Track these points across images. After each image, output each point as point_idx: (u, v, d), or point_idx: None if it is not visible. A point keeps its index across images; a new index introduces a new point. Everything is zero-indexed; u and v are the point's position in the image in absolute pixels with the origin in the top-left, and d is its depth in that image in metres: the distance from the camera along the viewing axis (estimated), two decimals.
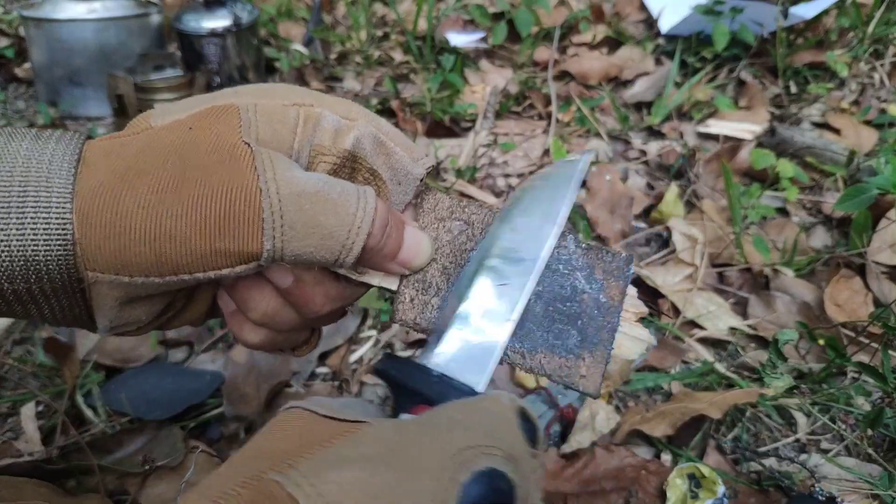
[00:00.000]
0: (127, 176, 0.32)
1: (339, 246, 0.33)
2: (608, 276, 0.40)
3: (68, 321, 0.36)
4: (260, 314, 0.38)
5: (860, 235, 0.94)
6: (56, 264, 0.32)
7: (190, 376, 0.80)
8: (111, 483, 0.68)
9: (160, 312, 0.37)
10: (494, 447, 0.28)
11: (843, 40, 1.38)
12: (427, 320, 0.39)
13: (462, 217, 0.41)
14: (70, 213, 0.31)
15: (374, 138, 0.38)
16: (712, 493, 0.64)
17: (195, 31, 1.28)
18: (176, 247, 0.31)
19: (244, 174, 0.32)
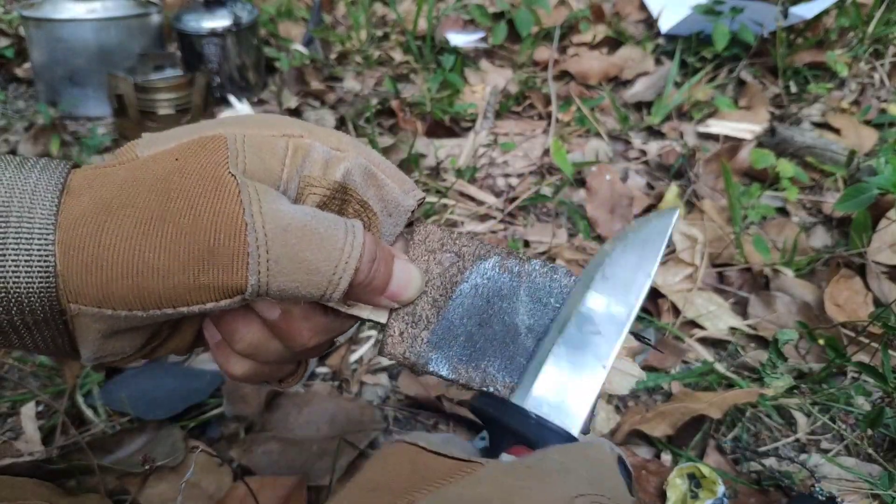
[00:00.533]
0: (111, 207, 0.31)
1: (326, 281, 0.33)
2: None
3: (51, 351, 0.35)
4: (245, 345, 0.37)
5: (860, 235, 0.94)
6: (38, 296, 0.31)
7: (190, 376, 0.80)
8: (111, 483, 0.68)
9: (144, 344, 0.37)
10: (604, 496, 0.29)
11: (843, 40, 1.38)
12: (416, 354, 0.39)
13: (453, 249, 0.41)
14: (52, 245, 0.31)
15: (364, 170, 0.37)
16: (712, 493, 0.64)
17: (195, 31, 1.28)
18: (159, 281, 0.31)
19: (229, 207, 0.31)
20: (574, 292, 0.40)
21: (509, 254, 0.41)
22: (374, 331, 0.88)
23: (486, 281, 0.40)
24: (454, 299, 0.40)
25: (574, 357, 0.37)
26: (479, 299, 0.40)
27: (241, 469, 0.71)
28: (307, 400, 0.78)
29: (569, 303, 0.39)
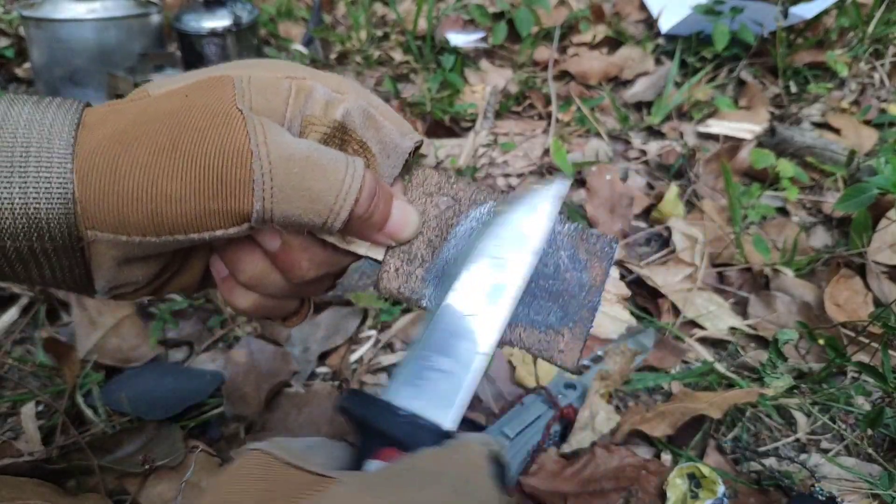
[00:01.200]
0: (124, 138, 0.33)
1: (327, 210, 0.34)
2: (592, 257, 0.41)
3: (67, 283, 0.37)
4: (248, 276, 0.39)
5: (860, 235, 0.94)
6: (57, 222, 0.33)
7: (190, 376, 0.80)
8: (111, 483, 0.68)
9: (156, 275, 0.38)
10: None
11: (843, 40, 1.38)
12: (410, 290, 0.40)
13: (450, 193, 0.42)
14: (70, 173, 0.32)
15: (363, 112, 0.39)
16: (712, 493, 0.64)
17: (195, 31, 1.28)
18: (171, 207, 0.33)
19: (236, 137, 0.33)
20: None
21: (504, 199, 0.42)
22: (374, 331, 0.88)
23: (482, 225, 0.41)
24: (449, 241, 0.41)
25: (448, 343, 0.37)
26: (473, 242, 0.41)
27: None
28: (307, 400, 0.78)
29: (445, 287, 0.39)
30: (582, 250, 0.41)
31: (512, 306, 0.38)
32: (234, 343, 0.86)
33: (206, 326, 0.88)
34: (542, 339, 0.40)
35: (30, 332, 0.87)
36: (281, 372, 0.80)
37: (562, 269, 0.41)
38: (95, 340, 0.82)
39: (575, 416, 0.73)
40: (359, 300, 0.87)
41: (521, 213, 0.40)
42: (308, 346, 0.85)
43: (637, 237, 1.02)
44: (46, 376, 0.81)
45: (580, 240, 0.41)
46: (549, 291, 0.40)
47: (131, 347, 0.83)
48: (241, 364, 0.81)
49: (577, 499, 0.65)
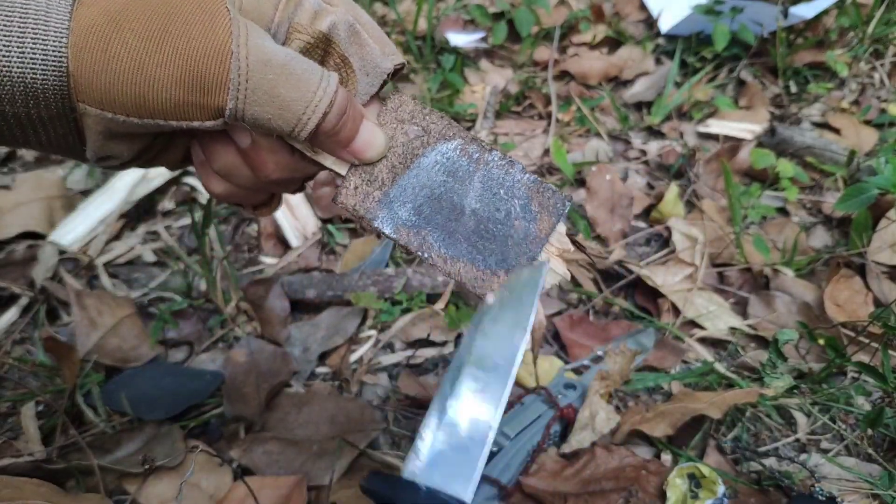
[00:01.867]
0: (118, 20, 0.34)
1: (295, 119, 0.36)
2: (543, 210, 0.43)
3: (63, 148, 0.39)
4: (220, 165, 0.42)
5: (860, 235, 0.94)
6: (52, 92, 0.34)
7: (190, 376, 0.80)
8: (111, 483, 0.68)
9: (140, 152, 0.41)
10: None
11: (843, 40, 1.38)
12: (365, 209, 0.42)
13: (421, 123, 0.43)
14: (65, 48, 0.34)
15: (349, 26, 0.40)
16: (712, 493, 0.64)
17: None
18: (155, 93, 0.35)
19: (220, 36, 0.35)
20: (458, 355, 0.41)
21: (473, 139, 0.43)
22: (374, 331, 0.88)
23: (445, 160, 0.43)
24: (412, 170, 0.43)
25: (462, 420, 0.38)
26: (434, 174, 0.43)
27: (241, 469, 0.71)
28: (307, 400, 0.78)
29: (454, 367, 0.40)
30: (535, 202, 0.43)
31: (512, 377, 0.38)
32: (234, 343, 0.86)
33: (206, 326, 0.88)
34: (479, 277, 0.42)
35: (30, 332, 0.87)
36: (281, 372, 0.80)
37: (512, 216, 0.43)
38: (95, 340, 0.82)
39: (575, 416, 0.73)
40: (359, 300, 0.87)
41: (513, 297, 0.41)
42: (308, 346, 0.86)
43: (637, 237, 1.02)
44: (46, 376, 0.81)
45: (536, 192, 0.43)
46: (495, 235, 0.42)
47: (131, 347, 0.83)
48: (241, 364, 0.81)
49: (577, 499, 0.65)
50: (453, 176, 0.43)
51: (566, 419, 0.72)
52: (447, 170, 0.43)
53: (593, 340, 0.85)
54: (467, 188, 0.43)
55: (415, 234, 0.42)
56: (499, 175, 0.43)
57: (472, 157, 0.43)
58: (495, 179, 0.43)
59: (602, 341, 0.85)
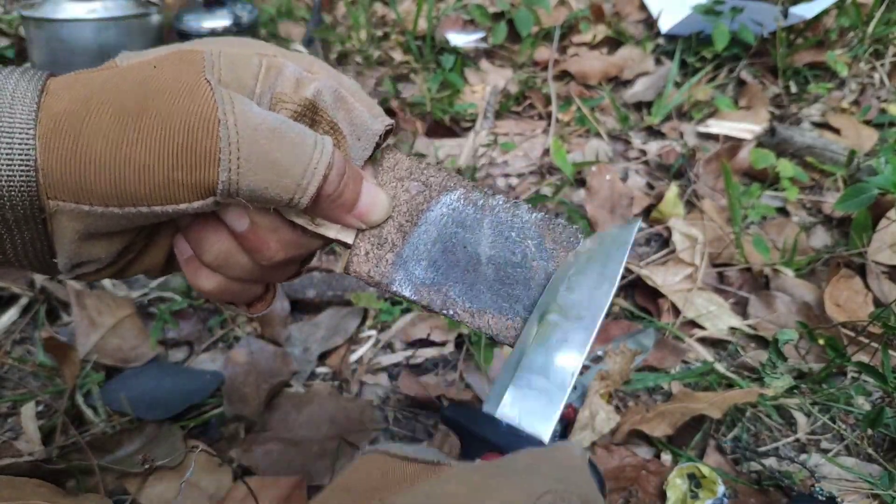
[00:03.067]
0: (90, 103, 0.32)
1: (294, 185, 0.34)
2: (558, 246, 0.42)
3: (30, 259, 0.36)
4: (213, 257, 0.38)
5: (860, 235, 0.94)
6: (19, 191, 0.32)
7: (190, 376, 0.80)
8: (111, 483, 0.68)
9: (119, 254, 0.38)
10: (572, 493, 0.29)
11: (843, 40, 1.38)
12: (380, 274, 0.41)
13: (421, 178, 0.42)
14: (33, 140, 0.32)
15: (334, 92, 0.38)
16: (712, 493, 0.64)
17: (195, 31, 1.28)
18: (135, 174, 0.32)
19: (203, 106, 0.32)
20: (541, 302, 0.41)
21: (475, 187, 0.42)
22: (374, 331, 0.88)
23: (452, 211, 0.42)
24: (420, 226, 0.41)
25: (544, 364, 0.38)
26: (443, 228, 0.42)
27: (241, 469, 0.71)
28: (307, 400, 0.78)
29: (536, 313, 0.40)
30: (548, 240, 0.42)
31: (597, 329, 0.38)
32: (234, 343, 0.86)
33: (206, 326, 0.88)
34: (510, 327, 0.41)
35: (30, 332, 0.87)
36: (281, 372, 0.80)
37: (529, 258, 0.42)
38: (95, 340, 0.82)
39: (575, 416, 0.73)
40: (359, 300, 0.87)
41: (602, 249, 0.41)
42: (308, 346, 0.86)
43: (637, 237, 1.02)
44: (46, 376, 0.81)
45: (547, 229, 0.42)
46: (516, 279, 0.41)
47: (131, 347, 0.83)
48: (241, 364, 0.81)
49: None
50: (462, 226, 0.42)
51: (566, 419, 0.72)
52: (455, 221, 0.42)
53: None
54: (479, 236, 0.41)
55: (435, 291, 0.41)
56: (506, 218, 0.42)
57: (477, 205, 0.42)
58: (504, 223, 0.42)
59: (602, 341, 0.85)
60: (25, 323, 0.88)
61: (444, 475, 0.30)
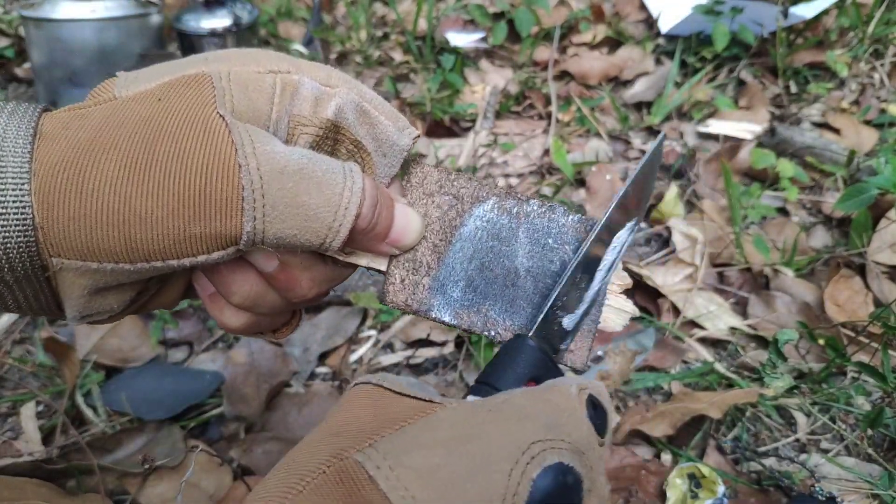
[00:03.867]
0: (92, 149, 0.29)
1: (326, 229, 0.31)
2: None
3: (35, 310, 0.33)
4: (242, 299, 0.35)
5: (860, 235, 0.94)
6: (17, 252, 0.29)
7: (190, 376, 0.80)
8: (111, 483, 0.68)
9: (132, 301, 0.35)
10: (563, 441, 0.29)
11: (843, 40, 1.38)
12: (418, 301, 0.39)
13: (451, 191, 0.40)
14: (28, 195, 0.28)
15: (356, 107, 0.35)
16: (712, 493, 0.64)
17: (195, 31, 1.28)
18: (147, 230, 0.29)
19: (221, 148, 0.29)
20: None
21: (507, 194, 0.40)
22: (374, 331, 0.88)
23: (486, 223, 0.40)
24: (454, 244, 0.39)
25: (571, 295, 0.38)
26: (478, 243, 0.39)
27: (241, 469, 0.71)
28: (307, 400, 0.78)
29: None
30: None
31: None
32: (234, 343, 0.86)
33: (206, 326, 0.88)
34: None
35: (30, 332, 0.87)
36: (281, 372, 0.80)
37: (566, 266, 0.39)
38: (95, 340, 0.82)
39: None
40: (359, 300, 0.87)
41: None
42: (308, 346, 0.86)
43: (637, 237, 1.02)
44: (46, 376, 0.81)
45: (584, 231, 0.40)
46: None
47: (131, 347, 0.83)
48: (241, 364, 0.81)
49: None
50: (498, 238, 0.39)
51: None
52: (490, 233, 0.39)
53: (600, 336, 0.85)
54: (515, 248, 0.39)
55: (475, 313, 0.39)
56: (542, 224, 0.40)
57: (511, 213, 0.40)
58: (541, 230, 0.40)
59: (602, 341, 0.85)
60: (25, 323, 0.88)
61: (434, 418, 0.29)
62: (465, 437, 0.28)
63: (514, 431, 0.29)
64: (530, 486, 0.27)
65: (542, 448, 0.28)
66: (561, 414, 0.30)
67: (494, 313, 0.39)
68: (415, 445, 0.28)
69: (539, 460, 0.28)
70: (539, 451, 0.28)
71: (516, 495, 0.27)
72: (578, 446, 0.30)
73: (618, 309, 0.40)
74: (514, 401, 0.31)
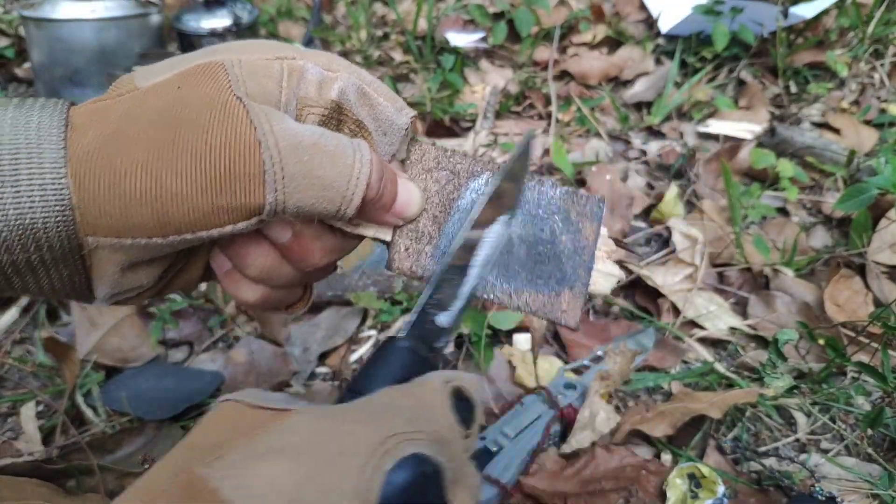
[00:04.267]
0: (119, 137, 0.32)
1: (340, 197, 0.34)
2: (582, 218, 0.43)
3: (66, 292, 0.35)
4: (258, 271, 0.38)
5: (860, 235, 0.94)
6: (55, 231, 0.31)
7: (190, 376, 0.80)
8: (111, 483, 0.68)
9: (160, 276, 0.37)
10: (420, 431, 0.29)
11: (843, 40, 1.38)
12: (422, 268, 0.42)
13: (448, 167, 0.43)
14: (65, 178, 0.31)
15: (357, 89, 0.38)
16: (712, 493, 0.64)
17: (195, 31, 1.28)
18: (178, 205, 0.31)
19: (241, 128, 0.32)
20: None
21: (499, 169, 0.43)
22: (374, 331, 0.88)
23: (480, 196, 0.43)
24: (452, 215, 0.42)
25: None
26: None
27: None
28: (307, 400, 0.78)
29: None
30: (573, 212, 0.43)
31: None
32: (234, 343, 0.86)
33: (206, 326, 0.88)
34: (546, 303, 0.42)
35: (30, 332, 0.87)
36: (281, 372, 0.80)
37: (557, 233, 0.43)
38: (95, 340, 0.82)
39: (575, 416, 0.73)
40: (359, 300, 0.87)
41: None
42: (308, 346, 0.86)
43: (637, 237, 1.02)
44: (46, 376, 0.81)
45: (571, 203, 0.43)
46: (547, 256, 0.42)
47: (131, 347, 0.83)
48: (241, 364, 0.81)
49: (577, 499, 0.65)
50: None
51: (566, 419, 0.72)
52: None
53: (593, 340, 0.85)
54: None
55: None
56: (533, 196, 0.43)
57: None
58: (531, 202, 0.43)
59: (602, 341, 0.85)
60: (25, 323, 0.88)
61: (288, 423, 0.29)
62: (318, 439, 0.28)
63: (371, 428, 0.29)
64: (382, 478, 0.27)
65: (398, 441, 0.28)
66: (422, 407, 0.31)
67: (492, 278, 0.42)
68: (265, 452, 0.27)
69: (393, 453, 0.28)
70: (394, 444, 0.28)
71: (368, 490, 0.27)
72: (440, 436, 0.30)
73: (606, 273, 0.44)
74: (376, 399, 0.31)
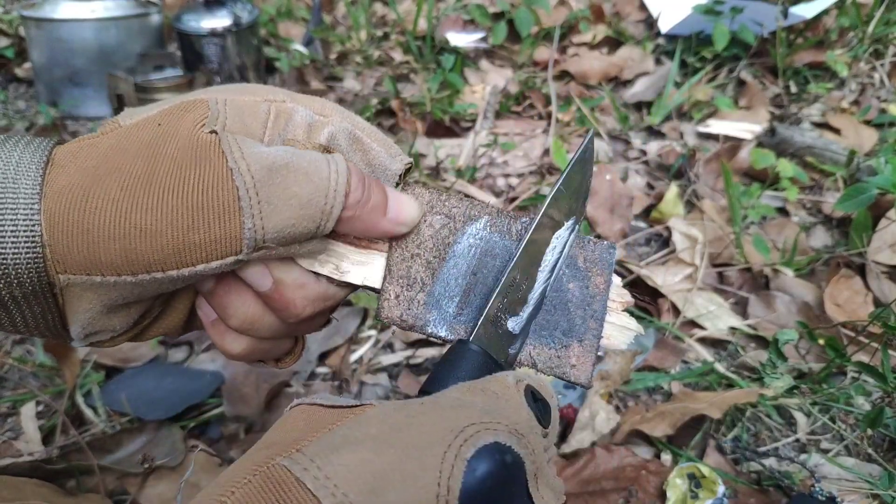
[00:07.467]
0: (97, 174, 0.32)
1: (319, 212, 0.33)
2: (591, 265, 0.40)
3: (41, 330, 0.35)
4: (240, 321, 0.37)
5: (860, 235, 0.94)
6: (25, 268, 0.31)
7: (190, 376, 0.80)
8: (111, 483, 0.68)
9: (136, 321, 0.36)
10: (499, 423, 0.29)
11: (843, 40, 1.38)
12: (413, 316, 0.39)
13: (443, 211, 0.40)
14: (38, 215, 0.31)
15: (349, 134, 0.37)
16: (712, 493, 0.64)
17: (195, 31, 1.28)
18: (146, 241, 0.31)
19: (212, 159, 0.31)
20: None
21: (499, 212, 0.40)
22: (374, 331, 0.88)
23: (479, 241, 0.40)
24: (448, 260, 0.40)
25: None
26: (472, 259, 0.40)
27: None
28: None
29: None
30: (581, 258, 0.40)
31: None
32: None
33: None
34: (553, 356, 0.39)
35: None
36: (281, 372, 0.80)
37: (564, 280, 0.39)
38: None
39: (575, 416, 0.73)
40: (359, 300, 0.87)
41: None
42: (308, 346, 0.86)
43: (637, 237, 1.02)
44: (46, 376, 0.81)
45: (578, 248, 0.40)
46: (554, 304, 0.39)
47: (131, 347, 0.83)
48: (241, 364, 0.81)
49: (577, 499, 0.65)
50: (490, 255, 0.40)
51: (566, 419, 0.72)
52: (483, 250, 0.40)
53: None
54: (508, 263, 0.39)
55: (471, 328, 0.39)
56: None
57: (503, 231, 0.40)
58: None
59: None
60: None
61: (364, 416, 0.30)
62: (396, 429, 0.28)
63: (448, 418, 0.28)
64: (464, 466, 0.27)
65: (477, 430, 0.28)
66: (498, 401, 0.31)
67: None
68: (343, 443, 0.28)
69: (473, 441, 0.27)
70: (473, 432, 0.28)
71: (451, 478, 0.26)
72: (518, 428, 0.29)
73: (620, 326, 0.40)
74: (449, 393, 0.31)
